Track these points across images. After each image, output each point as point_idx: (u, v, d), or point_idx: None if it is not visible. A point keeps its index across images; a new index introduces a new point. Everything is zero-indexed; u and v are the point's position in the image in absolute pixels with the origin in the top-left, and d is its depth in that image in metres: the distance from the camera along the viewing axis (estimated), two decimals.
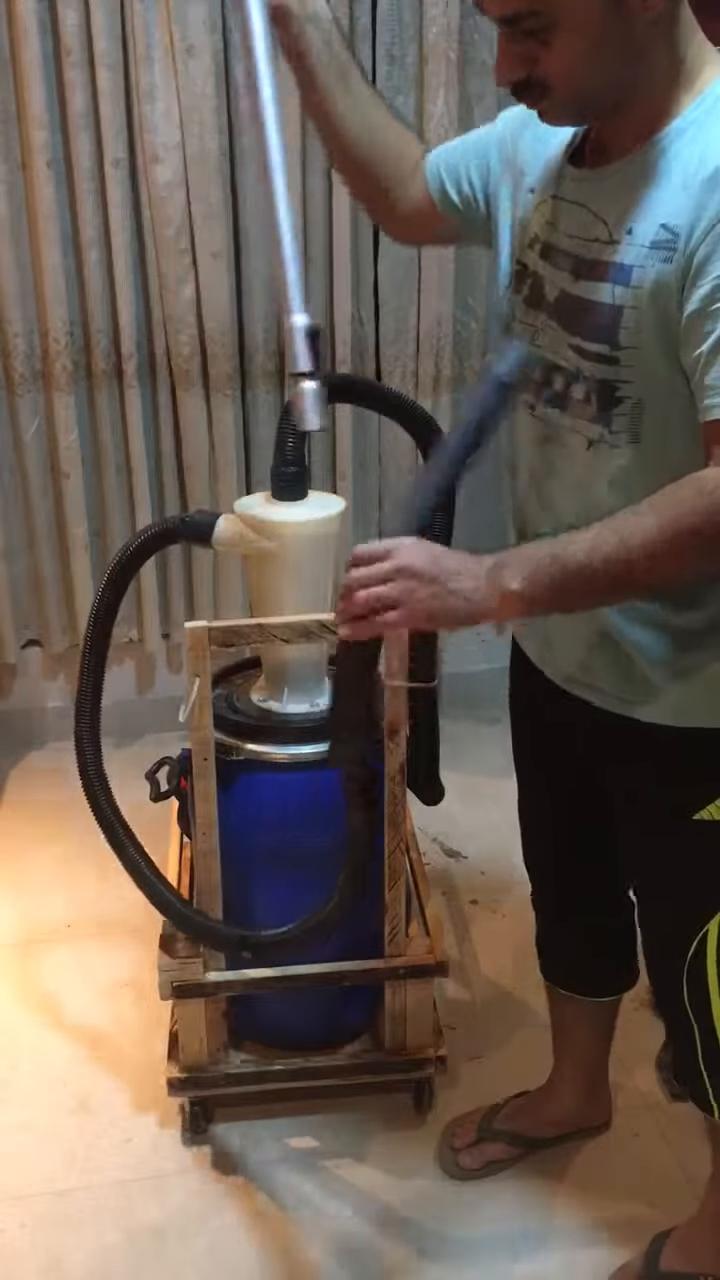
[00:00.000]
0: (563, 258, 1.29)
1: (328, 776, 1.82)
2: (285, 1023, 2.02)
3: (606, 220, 1.23)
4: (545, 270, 1.32)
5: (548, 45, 1.15)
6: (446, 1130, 1.95)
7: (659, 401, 1.22)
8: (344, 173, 1.57)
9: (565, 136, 1.33)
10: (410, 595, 1.14)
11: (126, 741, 2.94)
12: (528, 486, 1.41)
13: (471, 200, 1.46)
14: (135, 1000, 2.23)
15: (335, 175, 2.66)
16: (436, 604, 1.15)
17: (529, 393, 1.35)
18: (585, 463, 1.29)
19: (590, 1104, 1.92)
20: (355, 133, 1.47)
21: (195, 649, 1.69)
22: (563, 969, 1.82)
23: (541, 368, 1.33)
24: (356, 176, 1.54)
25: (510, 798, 1.77)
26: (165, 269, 2.69)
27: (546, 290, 1.31)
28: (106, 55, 2.51)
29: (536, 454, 1.37)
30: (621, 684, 1.36)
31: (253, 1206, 1.84)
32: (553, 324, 1.30)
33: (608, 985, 1.80)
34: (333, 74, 1.44)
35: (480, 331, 2.90)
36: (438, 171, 1.48)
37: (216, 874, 1.81)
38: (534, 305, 1.34)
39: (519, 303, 1.36)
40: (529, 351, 1.31)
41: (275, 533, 1.73)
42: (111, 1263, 1.76)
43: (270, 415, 2.85)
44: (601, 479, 1.28)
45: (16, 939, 2.44)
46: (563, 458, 1.32)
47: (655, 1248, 1.71)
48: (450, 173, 1.47)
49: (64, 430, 2.78)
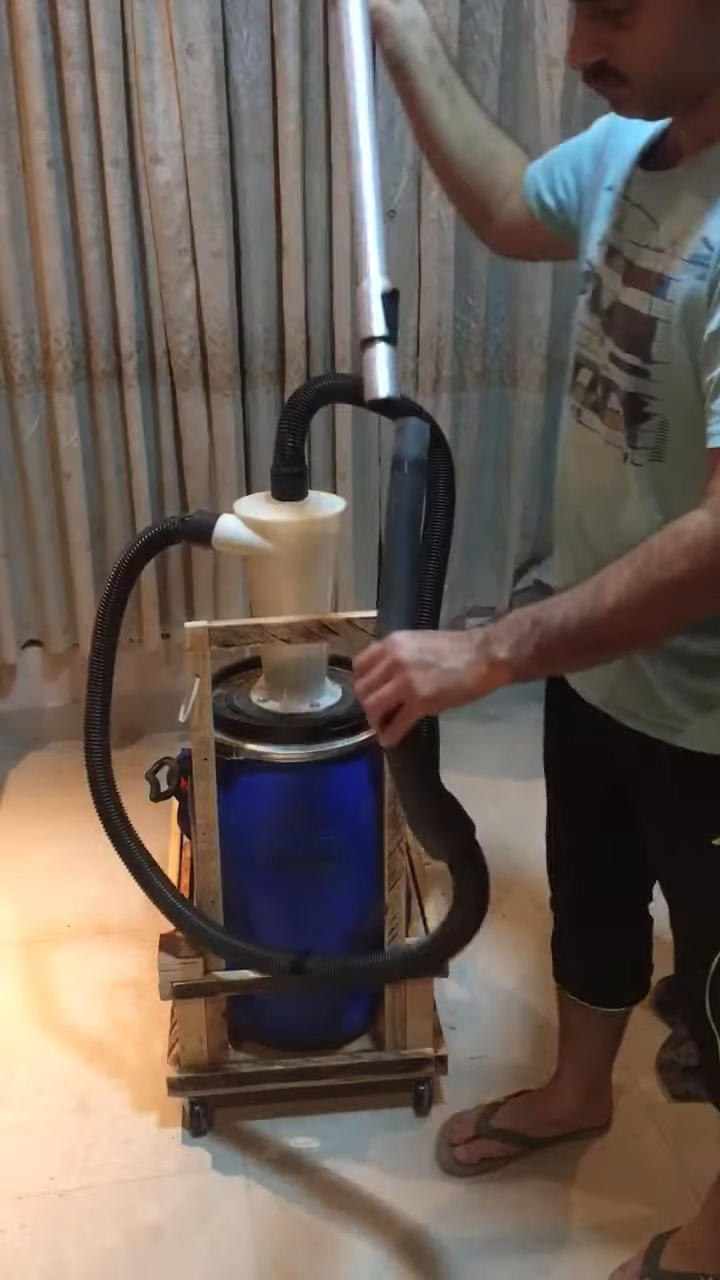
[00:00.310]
0: (620, 261, 1.26)
1: (328, 777, 1.82)
2: (285, 1023, 2.02)
3: (659, 226, 1.20)
4: (605, 273, 1.29)
5: (628, 28, 1.09)
6: (445, 1126, 1.95)
7: (683, 422, 1.19)
8: (444, 182, 1.54)
9: (646, 133, 1.28)
10: (409, 687, 1.16)
11: (126, 741, 2.94)
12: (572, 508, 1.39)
13: (566, 204, 1.41)
14: (135, 1000, 2.23)
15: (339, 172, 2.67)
16: (434, 688, 1.16)
17: (576, 398, 1.34)
18: (616, 477, 1.28)
19: (591, 1105, 1.92)
20: (457, 142, 1.45)
21: (195, 649, 1.69)
22: (576, 974, 1.81)
23: (590, 374, 1.31)
24: (457, 186, 1.51)
25: (510, 798, 1.78)
26: (165, 269, 2.69)
27: (603, 294, 1.29)
28: (106, 55, 2.51)
29: (577, 461, 1.36)
30: (649, 709, 1.36)
31: (253, 1206, 1.84)
32: (601, 330, 1.28)
33: (619, 995, 1.80)
34: (434, 82, 1.41)
35: (480, 331, 2.90)
36: (534, 179, 1.44)
37: (216, 874, 1.81)
38: (593, 309, 1.31)
39: (584, 305, 1.33)
40: (424, 427, 1.30)
41: (275, 533, 1.73)
42: (111, 1263, 1.76)
43: (270, 415, 2.85)
44: (631, 498, 1.26)
45: (16, 939, 2.44)
46: (599, 469, 1.31)
47: (655, 1248, 1.71)
48: (545, 178, 1.43)
49: (64, 430, 2.78)
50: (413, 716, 1.19)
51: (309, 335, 2.79)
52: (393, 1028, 1.94)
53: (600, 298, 1.30)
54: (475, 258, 2.83)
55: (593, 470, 1.33)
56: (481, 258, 2.83)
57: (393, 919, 1.86)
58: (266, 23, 2.56)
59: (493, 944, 2.36)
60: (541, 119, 2.71)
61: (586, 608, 1.12)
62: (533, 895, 2.41)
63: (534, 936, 2.37)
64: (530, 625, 1.15)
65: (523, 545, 3.13)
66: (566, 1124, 1.92)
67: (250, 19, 2.55)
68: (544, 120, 2.70)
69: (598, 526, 1.34)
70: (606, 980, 1.79)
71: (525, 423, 2.98)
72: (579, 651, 1.17)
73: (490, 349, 2.96)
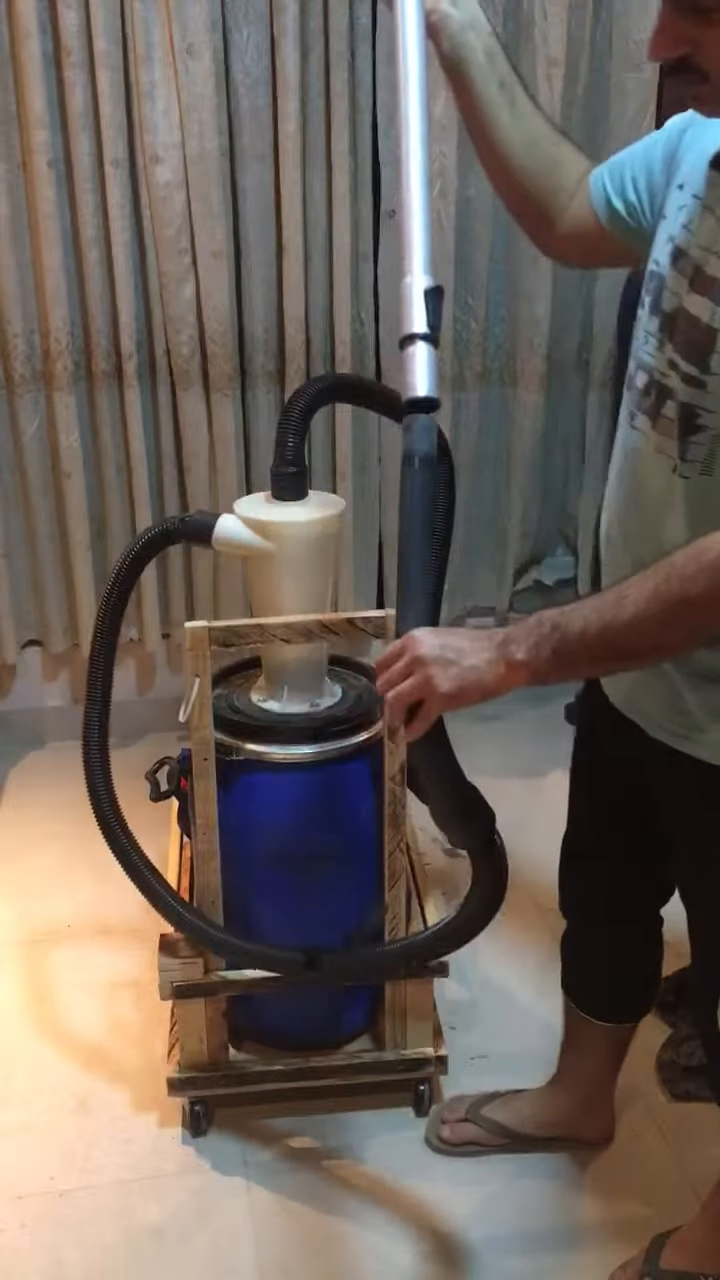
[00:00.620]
0: (688, 265, 1.21)
1: (328, 777, 1.82)
2: (285, 1023, 2.02)
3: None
4: (670, 275, 1.24)
5: (715, 25, 1.05)
6: (442, 1104, 1.97)
7: None
8: (503, 189, 1.48)
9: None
10: (430, 683, 1.17)
11: (126, 741, 2.94)
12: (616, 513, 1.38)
13: (636, 207, 1.35)
14: (135, 1000, 2.23)
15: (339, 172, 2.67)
16: (455, 684, 1.17)
17: (631, 401, 1.31)
18: (663, 487, 1.25)
19: (585, 1117, 1.91)
20: (518, 146, 1.40)
21: (195, 649, 1.69)
22: (582, 983, 1.81)
23: (645, 377, 1.28)
24: (518, 193, 1.46)
25: (510, 797, 1.77)
26: (165, 269, 2.69)
27: (666, 297, 1.24)
28: (106, 55, 2.51)
29: (626, 466, 1.34)
30: (670, 717, 1.35)
31: (253, 1206, 1.84)
32: (661, 334, 1.25)
33: (623, 1007, 1.80)
34: (494, 85, 1.37)
35: (480, 331, 2.90)
36: (600, 183, 1.38)
37: (216, 874, 1.81)
38: (654, 311, 1.27)
39: (648, 305, 1.29)
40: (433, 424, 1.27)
41: (275, 533, 1.73)
42: (111, 1263, 1.76)
43: (270, 415, 2.85)
44: (675, 510, 1.24)
45: (16, 939, 2.44)
46: (647, 477, 1.28)
47: (655, 1247, 1.71)
48: (614, 181, 1.37)
49: (64, 430, 2.78)
50: (434, 713, 1.19)
51: (309, 335, 2.79)
52: (393, 1028, 1.94)
53: (663, 299, 1.26)
54: (475, 258, 2.83)
55: (640, 477, 1.30)
56: (481, 258, 2.83)
57: (393, 919, 1.86)
58: (266, 23, 2.56)
59: (493, 944, 2.36)
60: None
61: (607, 616, 1.12)
62: (533, 896, 2.41)
63: (534, 937, 2.38)
64: (550, 629, 1.15)
65: (523, 545, 3.13)
66: (554, 1128, 1.91)
67: (250, 19, 2.56)
68: None
69: (639, 536, 1.32)
70: (611, 987, 1.78)
71: (525, 423, 2.98)
72: (597, 659, 1.17)
73: (490, 349, 2.96)
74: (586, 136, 2.76)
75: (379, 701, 1.75)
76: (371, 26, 2.61)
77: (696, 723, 1.32)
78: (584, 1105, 1.91)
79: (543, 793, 2.82)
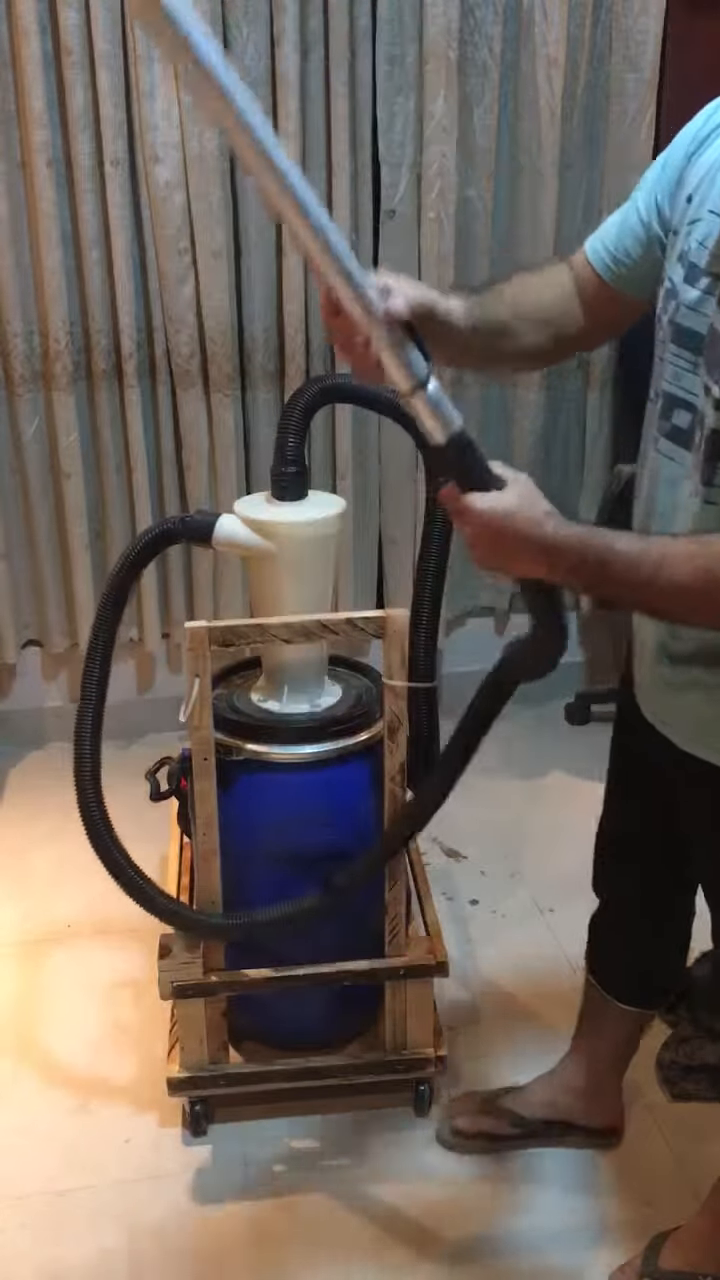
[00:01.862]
0: (706, 279, 1.19)
1: (328, 777, 1.82)
2: (285, 1023, 2.02)
3: None
4: (684, 291, 1.22)
5: None
6: (449, 1102, 1.97)
7: None
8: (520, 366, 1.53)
9: None
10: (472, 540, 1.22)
11: (126, 741, 2.94)
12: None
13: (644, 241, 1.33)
14: (135, 1000, 2.23)
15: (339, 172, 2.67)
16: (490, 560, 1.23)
17: (655, 425, 1.30)
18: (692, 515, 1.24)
19: (592, 1103, 1.92)
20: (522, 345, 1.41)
21: (195, 649, 1.69)
22: (608, 962, 1.82)
23: (664, 399, 1.26)
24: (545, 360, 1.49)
25: (510, 797, 1.77)
26: (165, 269, 2.69)
27: (685, 314, 1.22)
28: (106, 55, 2.51)
29: (654, 492, 1.32)
30: (689, 723, 1.36)
31: (253, 1206, 1.84)
32: (683, 353, 1.23)
33: (647, 992, 1.79)
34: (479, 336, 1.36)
35: None
36: (599, 249, 1.38)
37: (216, 874, 1.81)
38: (675, 332, 1.25)
39: (666, 325, 1.26)
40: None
41: (275, 533, 1.73)
42: (111, 1263, 1.76)
43: (270, 415, 2.85)
44: None
45: (16, 939, 2.44)
46: (676, 505, 1.27)
47: (655, 1247, 1.71)
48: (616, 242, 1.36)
49: (64, 430, 2.78)
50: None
51: (309, 335, 2.79)
52: (393, 1028, 1.94)
53: (679, 316, 1.23)
54: (475, 258, 2.83)
55: (666, 502, 1.29)
56: (481, 258, 2.83)
57: (393, 919, 1.86)
58: (266, 23, 2.56)
59: (493, 944, 2.37)
60: (541, 119, 2.70)
61: (643, 576, 1.14)
62: (533, 896, 2.41)
63: (534, 936, 2.38)
64: (595, 562, 1.16)
65: None
66: (561, 1110, 1.92)
67: (250, 19, 2.56)
68: (544, 120, 2.70)
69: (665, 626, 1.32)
70: (638, 975, 1.79)
71: (525, 423, 2.98)
72: (625, 606, 1.25)
73: None
74: (586, 136, 2.76)
75: (378, 702, 1.75)
76: (371, 27, 2.61)
77: (714, 729, 1.33)
78: (592, 1088, 1.91)
79: (543, 793, 2.83)
